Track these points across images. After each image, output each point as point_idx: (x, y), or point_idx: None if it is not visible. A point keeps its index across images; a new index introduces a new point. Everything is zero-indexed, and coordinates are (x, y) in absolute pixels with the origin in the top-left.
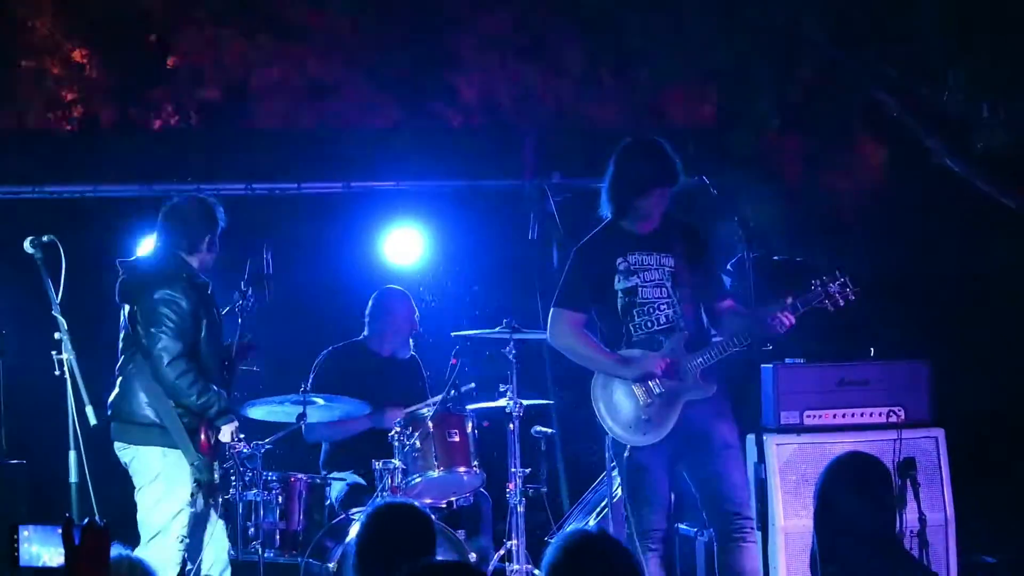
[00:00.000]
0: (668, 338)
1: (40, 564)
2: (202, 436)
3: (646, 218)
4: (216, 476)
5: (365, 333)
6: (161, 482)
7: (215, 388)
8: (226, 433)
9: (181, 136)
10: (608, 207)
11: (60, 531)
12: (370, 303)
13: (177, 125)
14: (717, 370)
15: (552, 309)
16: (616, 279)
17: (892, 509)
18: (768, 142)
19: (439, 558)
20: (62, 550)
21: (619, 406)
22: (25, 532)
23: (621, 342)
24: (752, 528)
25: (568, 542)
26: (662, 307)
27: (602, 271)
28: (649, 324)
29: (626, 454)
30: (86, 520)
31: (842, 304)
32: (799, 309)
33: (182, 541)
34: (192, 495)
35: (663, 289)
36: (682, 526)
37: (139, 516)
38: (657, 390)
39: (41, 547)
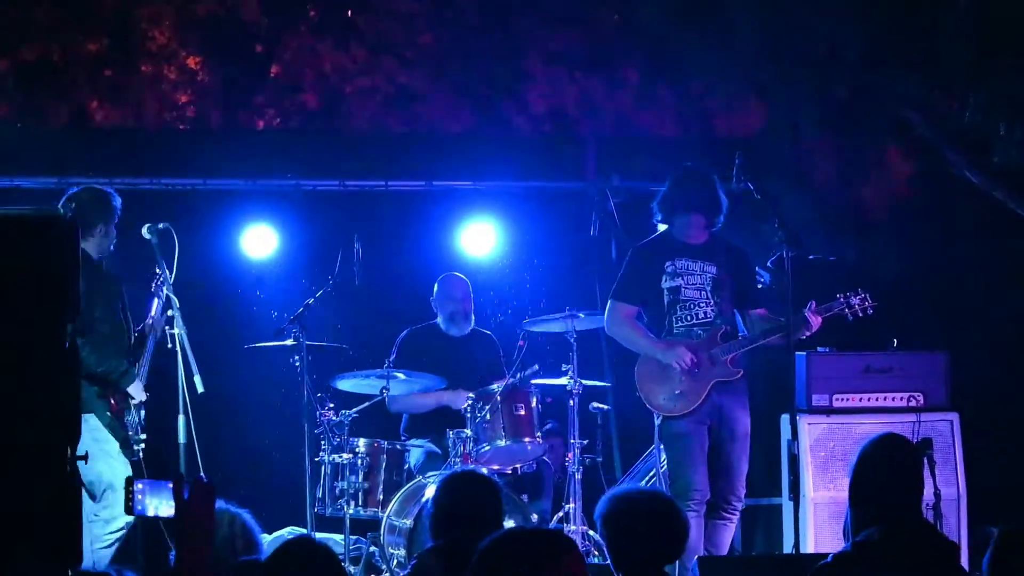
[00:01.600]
0: (705, 331)
1: (152, 515)
2: (111, 400)
3: (688, 233)
4: (129, 432)
5: (438, 317)
6: (88, 444)
7: (116, 357)
8: (135, 391)
9: (283, 137)
10: (657, 215)
11: (171, 486)
12: (434, 290)
13: (279, 127)
14: (743, 359)
15: (609, 301)
16: (663, 279)
17: (919, 488)
18: (806, 152)
19: (514, 524)
20: (172, 503)
21: (658, 382)
22: (139, 485)
23: (663, 332)
24: (736, 510)
25: (617, 495)
26: (701, 305)
27: (652, 271)
28: (689, 318)
29: (660, 422)
30: (195, 477)
31: (860, 315)
32: (821, 314)
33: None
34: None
35: (703, 292)
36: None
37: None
38: (689, 369)
39: (153, 499)
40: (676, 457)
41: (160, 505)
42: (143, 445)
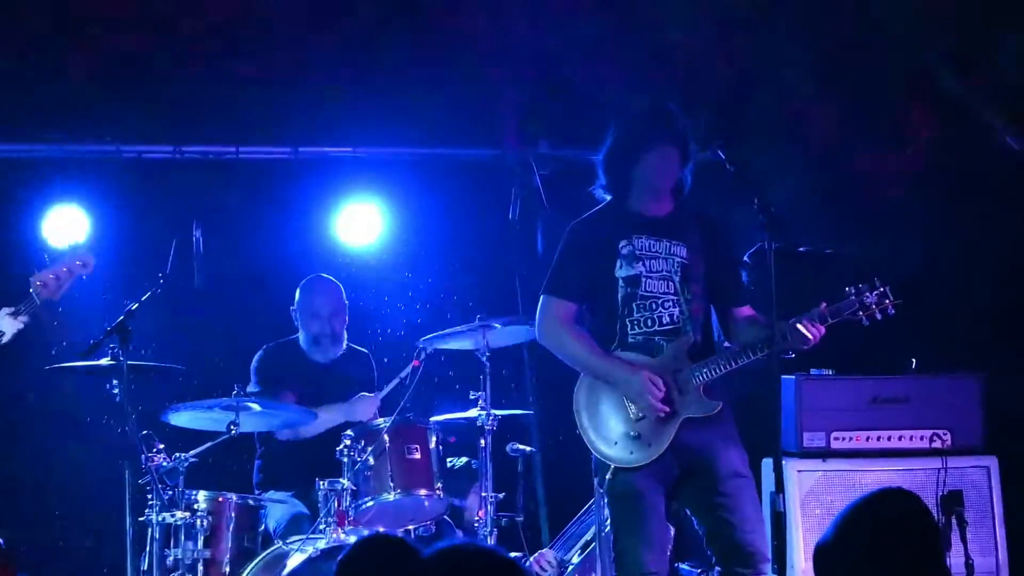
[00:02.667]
0: (669, 342)
1: None
2: None
3: (652, 195)
4: None
5: (299, 333)
6: None
7: None
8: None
9: (96, 89)
10: (602, 182)
11: None
12: (296, 298)
13: (91, 76)
14: (723, 385)
15: (541, 297)
16: (618, 264)
17: (939, 568)
18: (796, 110)
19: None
20: None
21: (605, 418)
22: None
23: (614, 342)
24: (769, 571)
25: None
26: (667, 304)
27: (602, 254)
28: (649, 322)
29: (609, 476)
30: None
31: (879, 318)
32: (827, 320)
33: None
34: None
35: (670, 283)
36: (683, 566)
37: None
38: (644, 413)
39: None
40: (624, 524)
41: None
42: None
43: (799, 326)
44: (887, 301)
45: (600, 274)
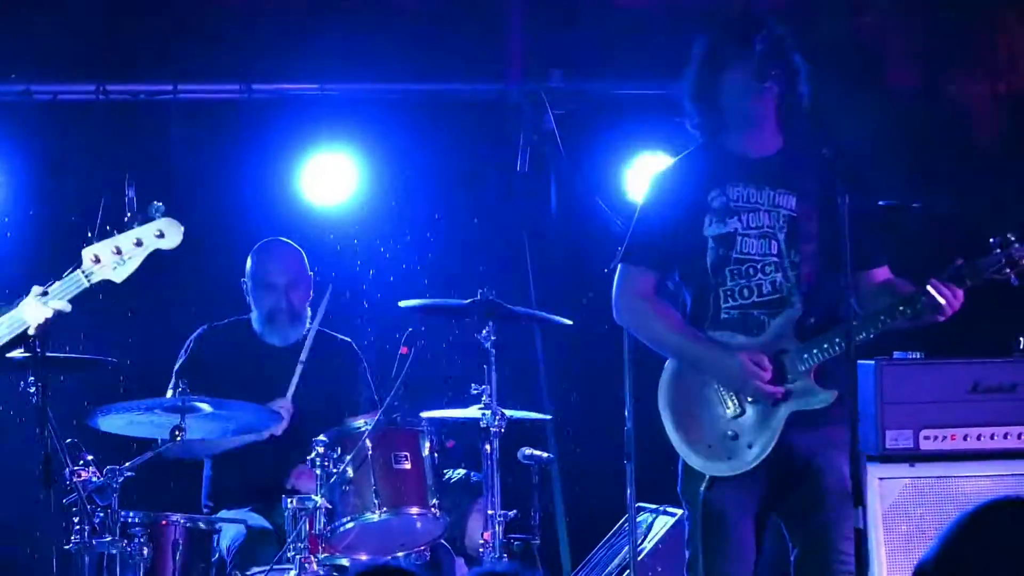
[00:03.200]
0: (772, 317)
1: None
2: None
3: (750, 128)
4: None
5: (251, 312)
6: None
7: None
8: None
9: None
10: (691, 118)
11: None
12: (247, 267)
13: None
14: (840, 369)
15: (618, 267)
16: (707, 221)
17: None
18: (874, 30)
19: None
20: None
21: (697, 416)
22: None
23: (708, 319)
24: None
25: None
26: (768, 269)
27: (688, 209)
28: (746, 292)
29: (704, 487)
30: None
31: None
32: (965, 282)
33: None
34: None
35: (773, 243)
36: None
37: None
38: (752, 397)
39: None
40: (711, 544)
41: None
42: None
43: (930, 289)
44: None
45: (686, 234)
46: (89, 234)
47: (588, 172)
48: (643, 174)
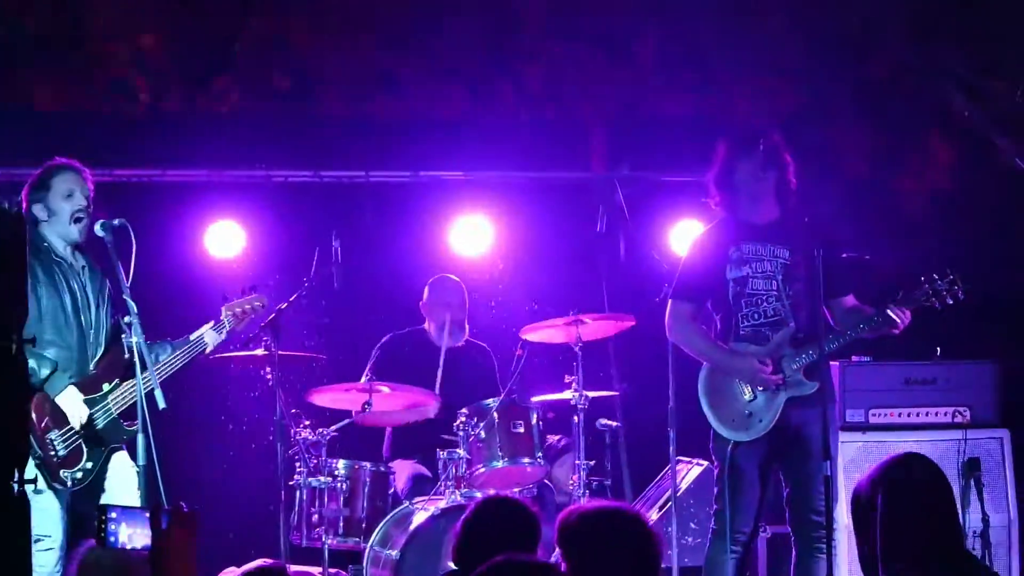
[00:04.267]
0: (775, 331)
1: (127, 546)
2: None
3: (754, 201)
4: (54, 452)
5: (426, 323)
6: None
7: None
8: (70, 406)
9: (250, 123)
10: (715, 198)
11: (148, 515)
12: (424, 294)
13: (245, 112)
14: (822, 367)
15: (669, 301)
16: (728, 268)
17: (952, 517)
18: (837, 138)
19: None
20: (149, 532)
21: (725, 400)
22: (113, 514)
23: (731, 335)
24: (819, 530)
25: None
26: (769, 299)
27: (715, 260)
28: (756, 316)
29: (730, 448)
30: (175, 505)
31: (950, 302)
32: (906, 306)
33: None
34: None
35: (773, 282)
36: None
37: None
38: (762, 386)
39: (128, 529)
40: (732, 489)
41: (135, 535)
42: (80, 475)
43: (889, 311)
44: (957, 287)
45: (715, 277)
46: (311, 273)
47: (645, 233)
48: (683, 235)
